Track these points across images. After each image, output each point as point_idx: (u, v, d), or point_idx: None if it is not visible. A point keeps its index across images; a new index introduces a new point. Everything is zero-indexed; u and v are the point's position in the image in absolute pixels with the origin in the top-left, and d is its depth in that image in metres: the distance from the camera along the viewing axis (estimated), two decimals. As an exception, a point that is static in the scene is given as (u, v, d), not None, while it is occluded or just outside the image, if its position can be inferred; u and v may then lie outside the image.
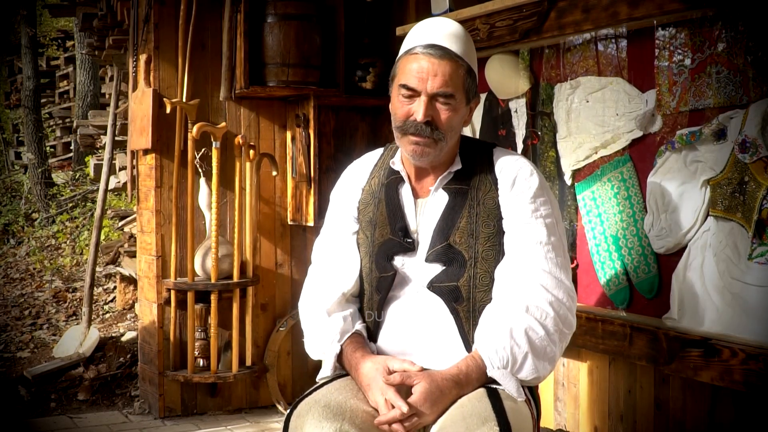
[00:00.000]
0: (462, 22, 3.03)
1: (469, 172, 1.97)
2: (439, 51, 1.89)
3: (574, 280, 2.48)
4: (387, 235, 1.99)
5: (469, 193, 1.94)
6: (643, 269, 2.50)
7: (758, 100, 2.14)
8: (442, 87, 1.88)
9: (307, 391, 1.87)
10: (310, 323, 2.04)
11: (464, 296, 1.90)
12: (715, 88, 2.25)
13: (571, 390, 2.87)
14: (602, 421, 2.74)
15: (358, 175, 2.12)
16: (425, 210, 1.99)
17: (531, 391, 1.95)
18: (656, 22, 2.39)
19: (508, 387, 1.80)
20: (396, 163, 2.03)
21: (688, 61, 2.33)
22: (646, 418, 2.57)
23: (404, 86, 1.91)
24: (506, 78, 2.96)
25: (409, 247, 1.96)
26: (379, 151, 2.15)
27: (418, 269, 1.96)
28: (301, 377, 4.16)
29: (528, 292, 1.85)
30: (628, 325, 2.49)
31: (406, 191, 2.01)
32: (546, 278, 1.86)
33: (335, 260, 2.07)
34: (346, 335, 1.96)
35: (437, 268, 1.93)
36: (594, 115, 2.64)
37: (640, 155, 2.52)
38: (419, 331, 1.94)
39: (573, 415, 2.86)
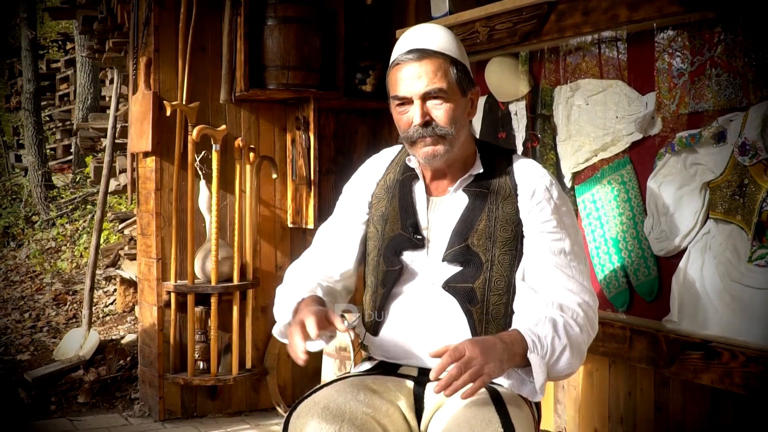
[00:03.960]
0: (462, 24, 3.04)
1: (490, 176, 1.98)
2: (417, 53, 1.91)
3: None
4: (397, 230, 2.00)
5: (489, 197, 1.95)
6: (643, 272, 2.50)
7: (758, 103, 2.13)
8: (429, 84, 1.89)
9: (307, 393, 1.87)
10: (280, 291, 2.04)
11: (479, 298, 1.91)
12: (714, 91, 2.25)
13: (570, 392, 2.86)
14: (602, 423, 2.73)
15: (375, 168, 2.13)
16: (439, 208, 2.00)
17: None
18: (656, 25, 2.39)
19: (538, 377, 1.78)
20: (412, 161, 2.04)
21: (687, 64, 2.33)
22: (646, 421, 2.57)
23: (395, 97, 1.94)
24: (506, 80, 2.96)
25: (419, 244, 1.97)
26: (398, 147, 2.16)
27: (426, 267, 1.97)
28: (301, 380, 4.16)
29: (558, 294, 1.89)
30: (628, 327, 2.49)
31: (419, 188, 2.03)
32: (572, 283, 1.90)
33: (329, 249, 2.10)
34: (311, 293, 1.95)
35: (451, 269, 1.94)
36: (594, 117, 2.64)
37: (639, 158, 2.52)
38: (427, 329, 1.93)
39: (573, 418, 2.85)
